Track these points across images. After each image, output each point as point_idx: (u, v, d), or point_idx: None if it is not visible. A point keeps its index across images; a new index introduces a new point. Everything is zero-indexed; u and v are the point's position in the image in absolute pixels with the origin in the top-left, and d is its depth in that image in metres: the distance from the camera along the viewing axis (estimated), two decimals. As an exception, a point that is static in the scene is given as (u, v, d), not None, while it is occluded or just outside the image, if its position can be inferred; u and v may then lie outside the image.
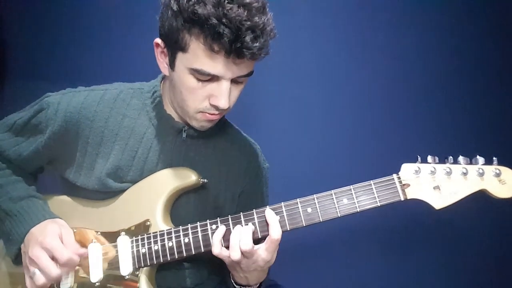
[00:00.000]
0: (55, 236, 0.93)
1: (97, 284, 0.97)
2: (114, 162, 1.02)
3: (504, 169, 0.91)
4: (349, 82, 1.55)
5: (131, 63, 1.63)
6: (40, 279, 0.91)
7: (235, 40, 0.82)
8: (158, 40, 0.95)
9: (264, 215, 0.94)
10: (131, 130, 1.04)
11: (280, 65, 1.50)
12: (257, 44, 0.84)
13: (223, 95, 0.91)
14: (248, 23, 0.82)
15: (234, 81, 0.92)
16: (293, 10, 1.54)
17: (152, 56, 0.98)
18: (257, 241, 0.94)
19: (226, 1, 0.82)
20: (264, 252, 0.92)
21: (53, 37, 1.82)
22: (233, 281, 1.03)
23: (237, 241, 0.91)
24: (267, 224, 0.93)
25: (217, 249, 0.92)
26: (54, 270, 0.90)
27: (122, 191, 1.03)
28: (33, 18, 1.85)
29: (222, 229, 0.94)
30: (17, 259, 0.99)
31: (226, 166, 1.10)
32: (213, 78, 0.90)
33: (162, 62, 0.97)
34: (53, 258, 0.91)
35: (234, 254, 0.90)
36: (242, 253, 0.90)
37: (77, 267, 0.99)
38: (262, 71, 0.91)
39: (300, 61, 1.57)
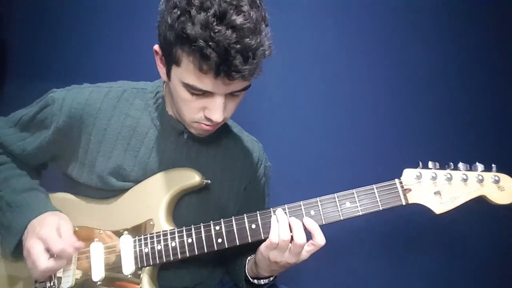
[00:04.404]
0: (52, 227, 0.92)
1: (98, 283, 0.97)
2: (116, 161, 1.02)
3: (503, 176, 0.93)
4: (352, 87, 1.54)
5: (132, 64, 1.62)
6: (32, 270, 0.91)
7: (222, 63, 0.79)
8: (157, 48, 0.93)
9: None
10: (133, 130, 1.04)
11: (284, 67, 1.51)
12: (248, 66, 0.81)
13: (216, 110, 0.89)
14: (238, 46, 0.78)
15: (230, 93, 0.90)
16: (295, 9, 1.54)
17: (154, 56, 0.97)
18: (259, 242, 0.95)
19: (215, 23, 0.78)
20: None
21: (53, 37, 1.81)
22: (248, 275, 1.05)
23: (299, 226, 0.93)
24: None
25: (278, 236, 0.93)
26: (43, 262, 0.89)
27: (125, 190, 1.04)
28: (33, 18, 1.85)
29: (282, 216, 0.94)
30: (16, 250, 0.98)
31: (228, 165, 1.10)
32: (207, 92, 0.88)
33: (162, 68, 0.96)
34: (48, 249, 0.91)
35: (299, 236, 0.92)
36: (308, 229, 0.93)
37: (78, 266, 0.99)
38: (265, 72, 0.89)
39: (304, 63, 1.56)
